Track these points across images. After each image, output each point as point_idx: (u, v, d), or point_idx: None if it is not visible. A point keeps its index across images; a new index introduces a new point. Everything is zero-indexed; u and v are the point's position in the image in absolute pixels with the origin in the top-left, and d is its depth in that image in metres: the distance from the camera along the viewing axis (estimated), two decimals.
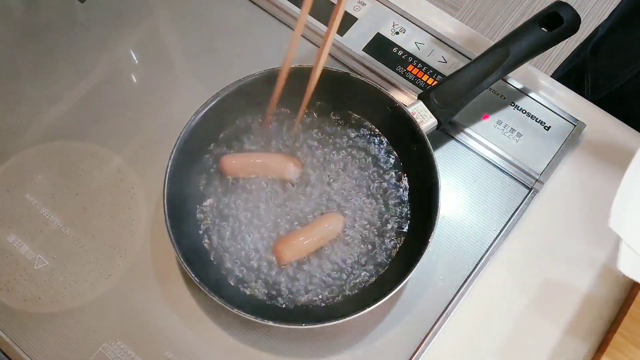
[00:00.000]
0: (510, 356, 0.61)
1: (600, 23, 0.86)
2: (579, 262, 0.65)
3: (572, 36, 0.66)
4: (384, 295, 0.57)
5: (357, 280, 0.63)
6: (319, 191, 0.66)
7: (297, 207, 0.65)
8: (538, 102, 0.71)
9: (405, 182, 0.67)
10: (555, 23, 0.65)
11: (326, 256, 0.63)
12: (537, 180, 0.68)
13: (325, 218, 0.64)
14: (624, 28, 0.78)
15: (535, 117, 0.70)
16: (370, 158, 0.68)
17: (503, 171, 0.69)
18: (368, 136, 0.69)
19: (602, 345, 0.61)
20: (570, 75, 0.86)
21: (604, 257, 0.65)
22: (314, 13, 0.76)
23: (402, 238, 0.64)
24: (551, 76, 0.79)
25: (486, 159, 0.69)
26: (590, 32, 0.88)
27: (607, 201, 0.67)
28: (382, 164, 0.68)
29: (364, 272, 0.63)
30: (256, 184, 0.66)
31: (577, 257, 0.65)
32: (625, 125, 0.71)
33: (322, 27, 0.75)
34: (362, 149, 0.68)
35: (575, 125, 0.70)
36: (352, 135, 0.69)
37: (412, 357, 0.61)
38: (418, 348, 0.61)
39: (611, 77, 0.79)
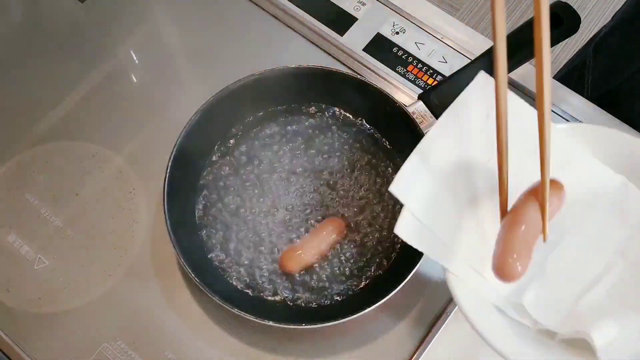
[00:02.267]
0: None
1: (602, 24, 0.86)
2: None
3: (572, 36, 0.66)
4: (384, 295, 0.57)
5: (358, 280, 0.63)
6: (319, 193, 0.66)
7: (298, 208, 0.66)
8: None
9: None
10: (555, 23, 0.65)
11: (327, 258, 0.63)
12: None
13: (326, 224, 0.64)
14: (625, 29, 0.78)
15: None
16: (369, 158, 0.68)
17: None
18: (367, 136, 0.69)
19: None
20: (572, 73, 0.86)
21: None
22: (312, 12, 0.76)
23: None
24: (554, 75, 0.79)
25: None
26: (591, 32, 0.88)
27: None
28: (381, 164, 0.68)
29: (364, 273, 0.63)
30: (260, 182, 0.66)
31: None
32: (625, 125, 0.71)
33: (323, 28, 0.75)
34: (362, 149, 0.68)
35: None
36: (352, 135, 0.69)
37: (412, 357, 0.61)
38: (418, 348, 0.61)
39: (610, 75, 0.79)
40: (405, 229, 0.49)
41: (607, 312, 0.45)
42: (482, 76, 0.50)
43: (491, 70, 0.45)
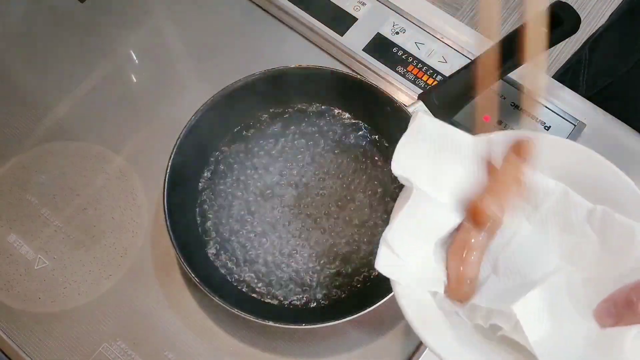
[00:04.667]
0: None
1: (602, 24, 0.86)
2: None
3: (572, 36, 0.66)
4: (385, 295, 0.57)
5: (358, 280, 0.63)
6: (320, 194, 0.66)
7: (299, 209, 0.66)
8: (538, 102, 0.71)
9: None
10: (555, 23, 0.65)
11: (328, 256, 0.63)
12: None
13: None
14: (619, 28, 0.79)
15: (535, 117, 0.70)
16: (369, 158, 0.68)
17: None
18: (367, 136, 0.69)
19: None
20: (567, 72, 0.87)
21: None
22: (312, 12, 0.76)
23: None
24: (552, 75, 0.79)
25: None
26: (591, 32, 0.88)
27: None
28: (381, 164, 0.68)
29: (365, 272, 0.63)
30: (259, 182, 0.67)
31: None
32: (625, 125, 0.71)
33: (323, 28, 0.75)
34: (361, 149, 0.68)
35: (575, 125, 0.70)
36: (351, 135, 0.69)
37: (412, 356, 0.61)
38: (418, 348, 0.61)
39: (604, 74, 0.79)
40: (385, 265, 0.47)
41: (548, 313, 0.44)
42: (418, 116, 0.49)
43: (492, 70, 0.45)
